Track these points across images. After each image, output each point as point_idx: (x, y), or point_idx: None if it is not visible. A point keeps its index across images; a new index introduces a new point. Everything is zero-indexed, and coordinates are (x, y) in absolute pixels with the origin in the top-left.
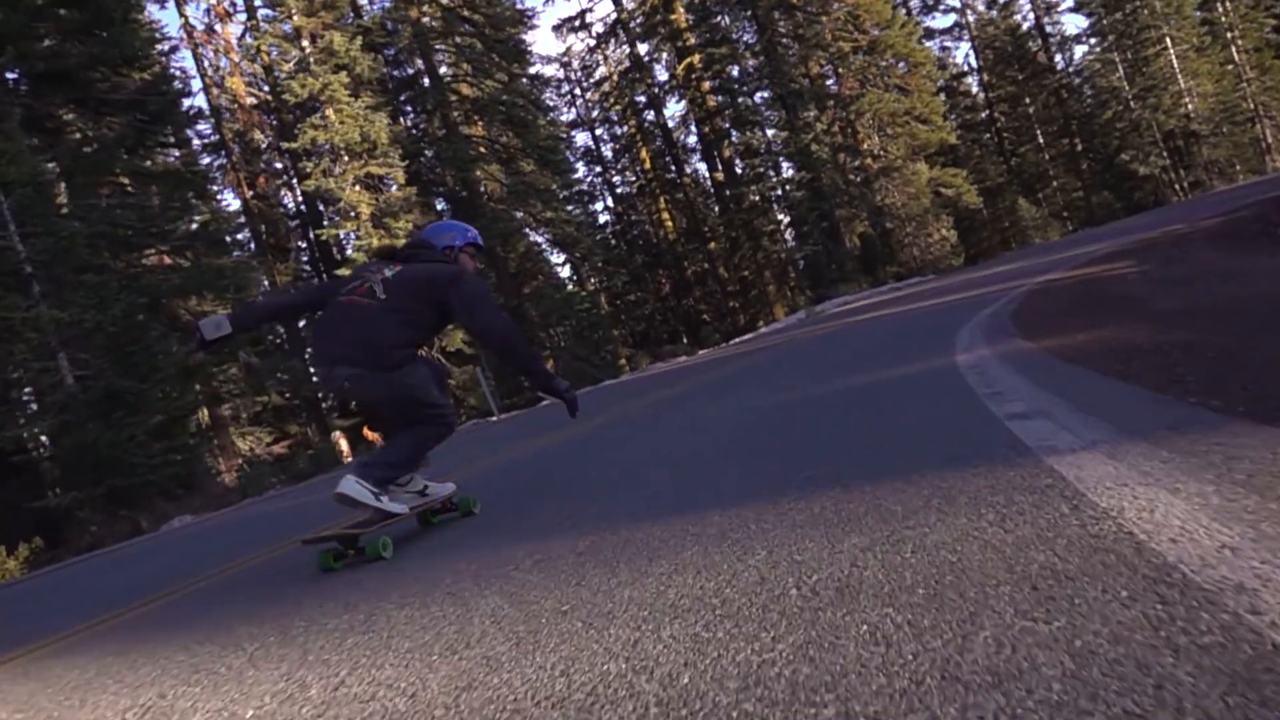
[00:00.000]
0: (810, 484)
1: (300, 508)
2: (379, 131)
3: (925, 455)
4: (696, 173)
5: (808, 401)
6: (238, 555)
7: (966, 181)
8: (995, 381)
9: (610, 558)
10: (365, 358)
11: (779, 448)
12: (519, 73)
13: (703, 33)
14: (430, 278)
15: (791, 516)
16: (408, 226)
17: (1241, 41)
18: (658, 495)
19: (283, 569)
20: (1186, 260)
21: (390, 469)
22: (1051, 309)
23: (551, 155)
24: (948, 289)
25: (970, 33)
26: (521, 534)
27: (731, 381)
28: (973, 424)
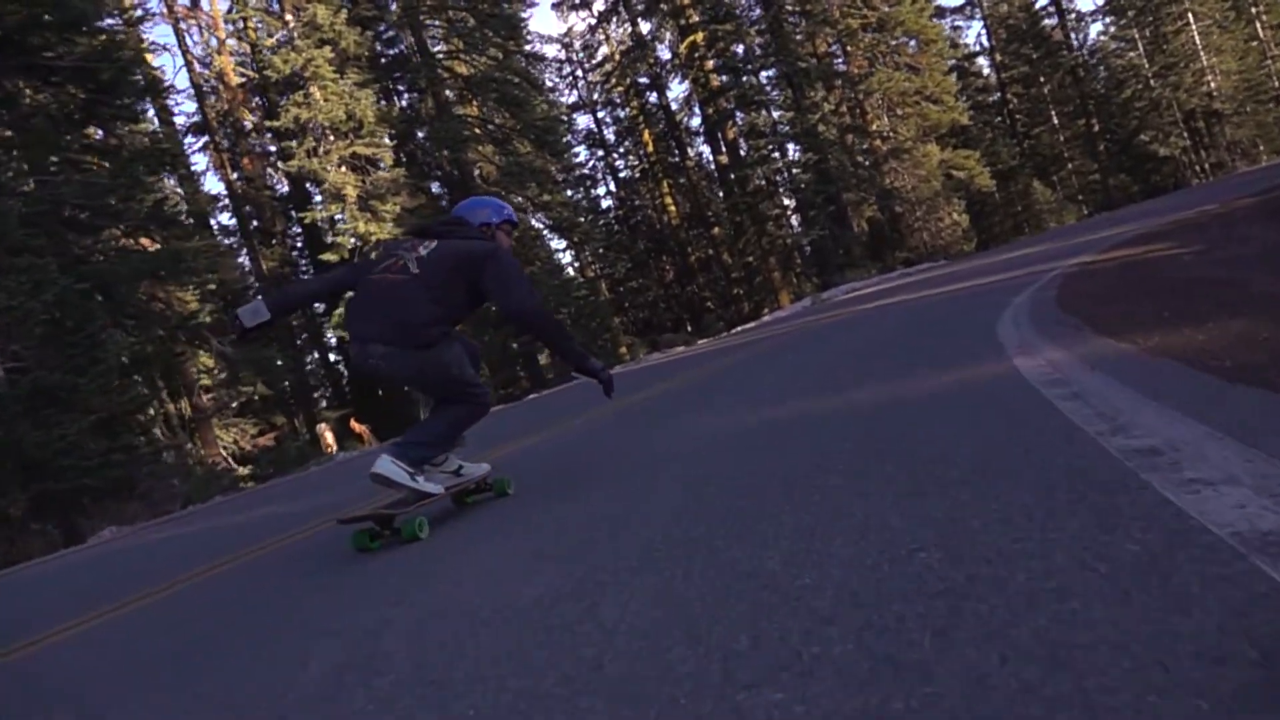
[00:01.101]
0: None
1: (230, 529)
2: (365, 110)
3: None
4: (700, 156)
5: (808, 428)
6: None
7: (979, 164)
8: (1110, 410)
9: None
10: (398, 336)
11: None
12: (514, 49)
13: (706, 9)
14: (466, 254)
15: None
16: (395, 210)
17: (1266, 17)
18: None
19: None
20: (1244, 239)
21: (425, 448)
22: (1108, 295)
23: (548, 136)
24: (964, 274)
25: (983, 11)
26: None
27: (712, 388)
28: (1157, 548)
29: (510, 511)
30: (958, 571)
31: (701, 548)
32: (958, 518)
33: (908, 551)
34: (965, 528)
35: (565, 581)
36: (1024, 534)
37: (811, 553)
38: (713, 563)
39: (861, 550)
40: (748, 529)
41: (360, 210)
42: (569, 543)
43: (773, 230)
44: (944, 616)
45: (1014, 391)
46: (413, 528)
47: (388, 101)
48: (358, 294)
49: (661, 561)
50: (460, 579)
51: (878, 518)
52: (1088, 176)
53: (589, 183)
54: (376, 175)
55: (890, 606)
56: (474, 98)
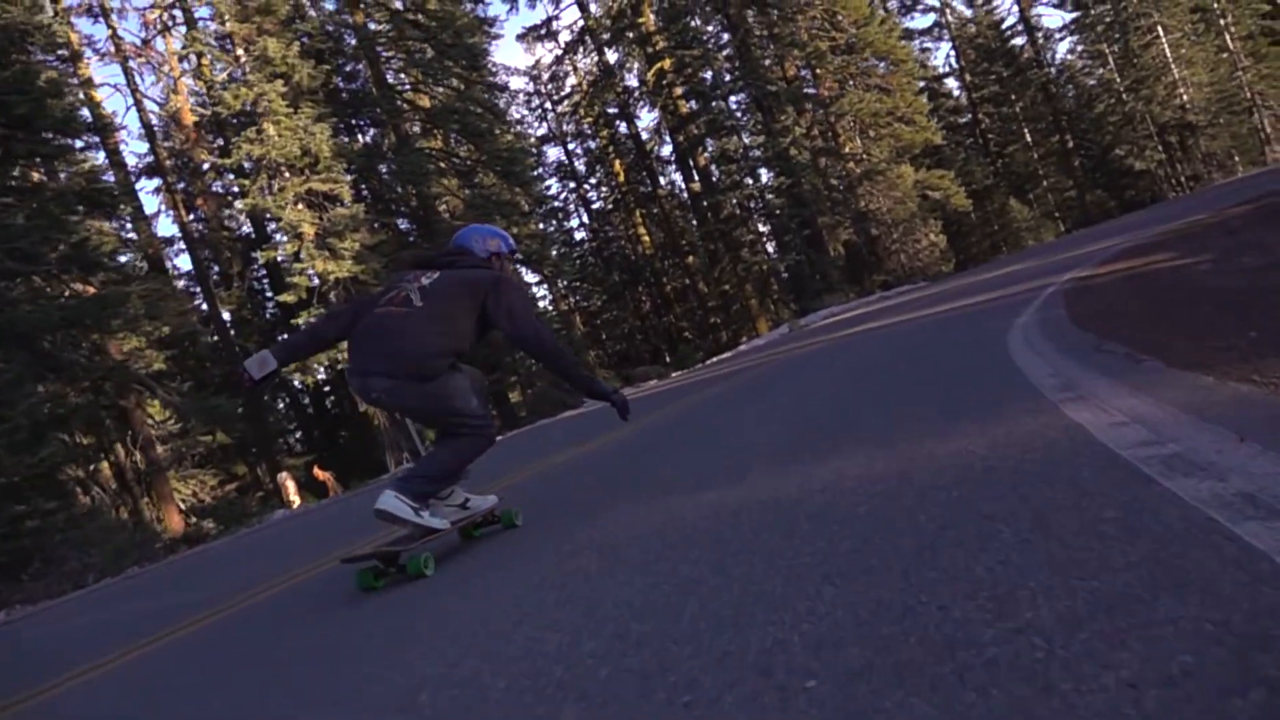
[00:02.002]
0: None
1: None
2: (321, 145)
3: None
4: (673, 184)
5: (773, 531)
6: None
7: (954, 184)
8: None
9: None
10: (400, 369)
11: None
12: (476, 80)
13: (672, 35)
14: (469, 284)
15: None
16: (355, 247)
17: (1235, 29)
18: None
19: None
20: (1258, 246)
21: (430, 482)
22: (1139, 312)
23: (513, 167)
24: (949, 295)
25: (950, 32)
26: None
27: (656, 447)
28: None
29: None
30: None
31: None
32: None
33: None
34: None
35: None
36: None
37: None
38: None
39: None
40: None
41: (318, 248)
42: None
43: (748, 257)
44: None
45: (1103, 475)
46: (418, 564)
47: (349, 136)
48: (360, 327)
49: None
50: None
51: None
52: (1064, 193)
53: (561, 215)
54: (335, 212)
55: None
56: (437, 130)
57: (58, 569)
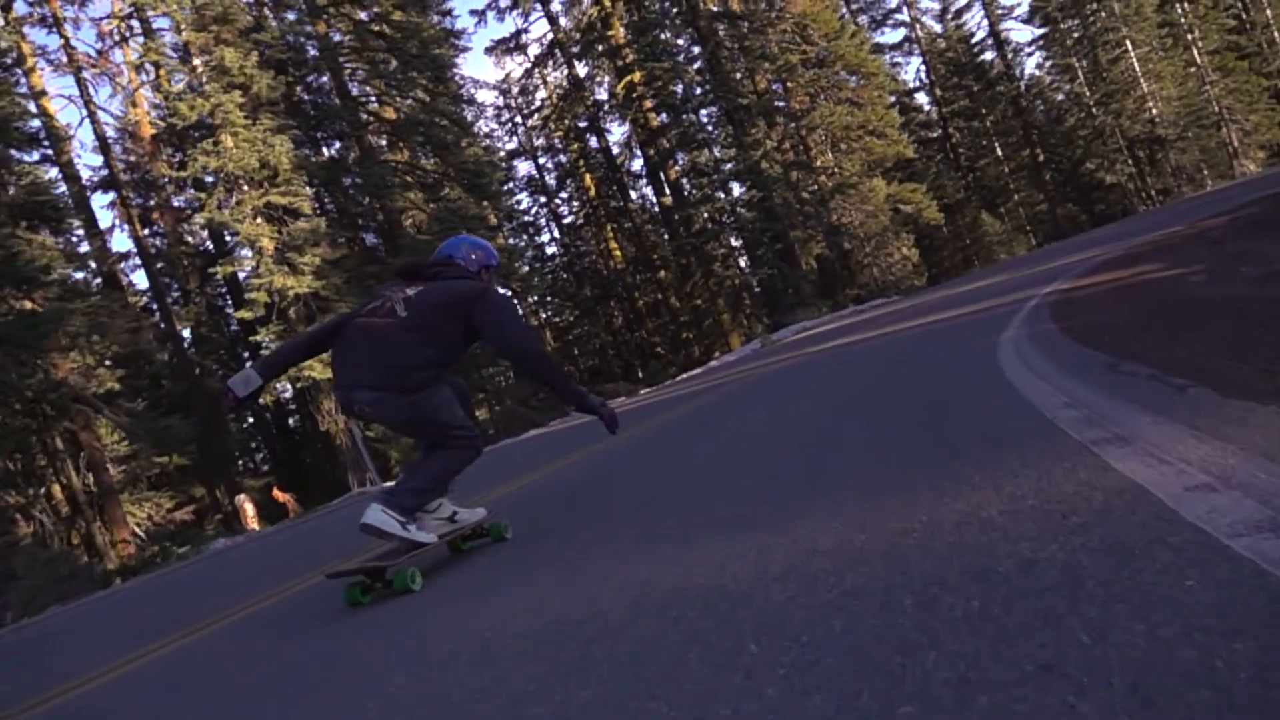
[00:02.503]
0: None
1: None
2: (280, 157)
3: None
4: (644, 199)
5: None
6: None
7: (926, 197)
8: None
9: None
10: (385, 380)
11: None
12: (441, 92)
13: (642, 47)
14: (455, 295)
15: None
16: (315, 262)
17: (1202, 43)
18: None
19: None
20: (1246, 256)
21: (417, 495)
22: (1136, 326)
23: (479, 179)
24: (923, 309)
25: (921, 46)
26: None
27: (586, 499)
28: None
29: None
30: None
31: None
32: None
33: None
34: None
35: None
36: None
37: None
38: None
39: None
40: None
41: (276, 263)
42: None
43: (719, 271)
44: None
45: (1229, 595)
46: (405, 579)
47: (312, 150)
48: (343, 338)
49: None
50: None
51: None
52: (1035, 207)
53: (532, 229)
54: (294, 225)
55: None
56: (402, 143)
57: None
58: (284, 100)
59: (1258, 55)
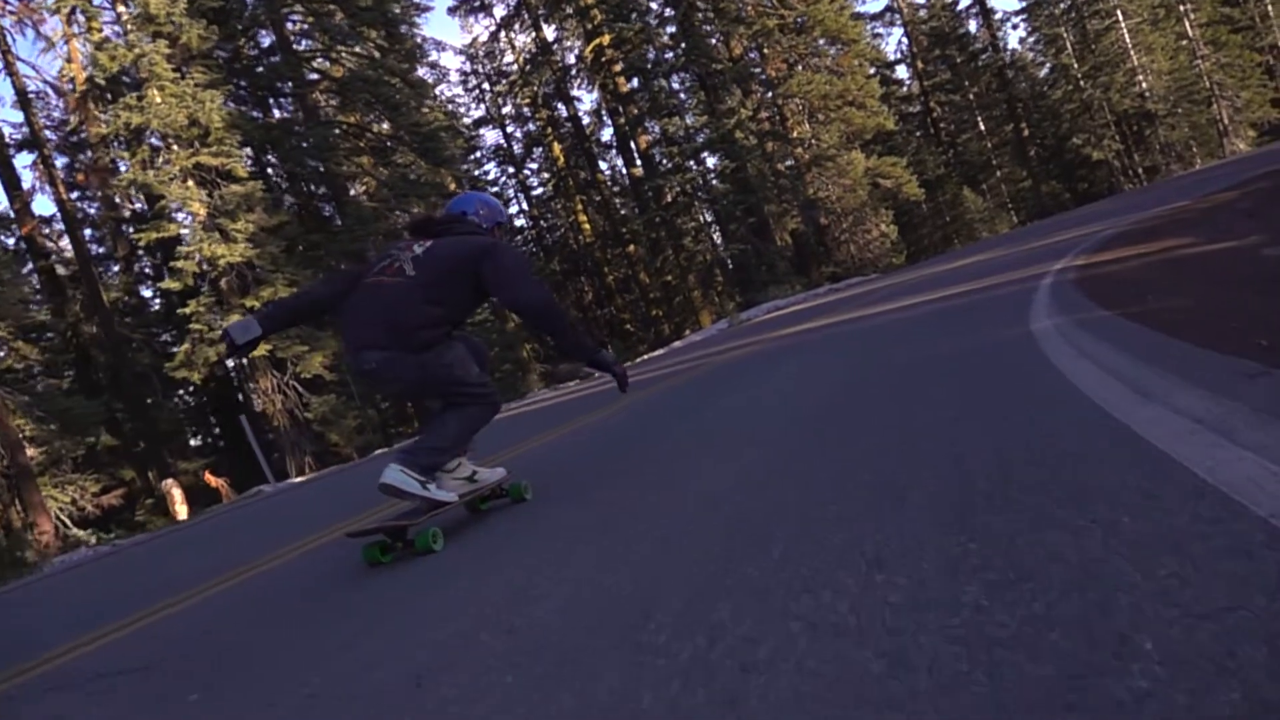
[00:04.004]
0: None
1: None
2: (211, 114)
3: None
4: (615, 170)
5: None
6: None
7: (906, 171)
8: None
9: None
10: (394, 340)
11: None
12: (393, 49)
13: (611, 8)
14: (464, 251)
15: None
16: (250, 229)
17: (1195, 15)
18: None
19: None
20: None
21: (436, 454)
22: (1225, 311)
23: (430, 144)
24: (907, 288)
25: (903, 17)
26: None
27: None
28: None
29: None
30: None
31: None
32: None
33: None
34: None
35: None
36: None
37: None
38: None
39: None
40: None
41: (206, 229)
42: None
43: (691, 246)
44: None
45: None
46: (426, 539)
47: (262, 111)
48: (352, 300)
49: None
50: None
51: None
52: (1018, 184)
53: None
54: (227, 189)
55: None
56: (353, 105)
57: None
58: (227, 59)
59: (1250, 29)
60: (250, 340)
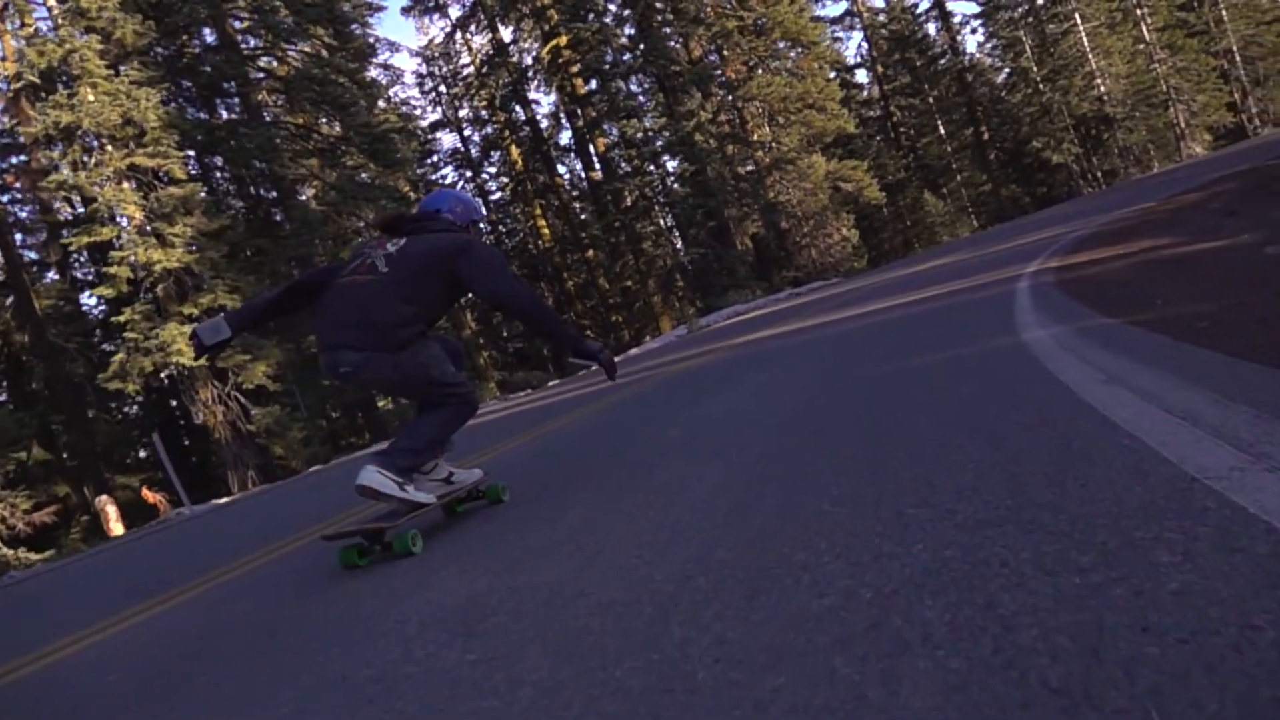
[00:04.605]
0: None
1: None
2: (147, 113)
3: None
4: (573, 173)
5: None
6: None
7: (867, 175)
8: None
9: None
10: (369, 339)
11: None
12: (340, 47)
13: (568, 7)
14: (437, 249)
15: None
16: (188, 233)
17: (1151, 19)
18: None
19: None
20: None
21: (413, 455)
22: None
23: (380, 145)
24: (870, 293)
25: (862, 21)
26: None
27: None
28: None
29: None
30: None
31: None
32: None
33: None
34: None
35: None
36: None
37: None
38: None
39: None
40: None
41: (141, 234)
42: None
43: (650, 250)
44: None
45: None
46: (405, 542)
47: (208, 112)
48: (324, 299)
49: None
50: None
51: None
52: (978, 188)
53: None
54: (164, 191)
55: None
56: (294, 104)
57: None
58: (169, 57)
59: (1205, 34)
60: (219, 341)
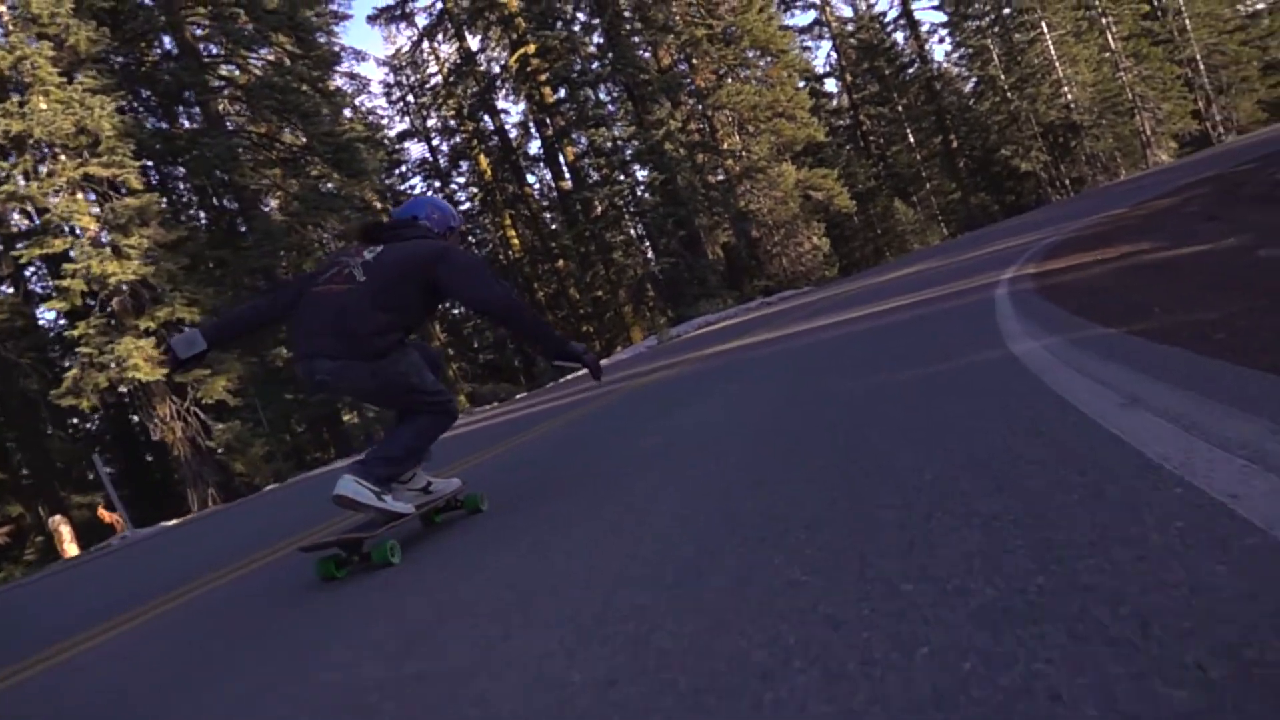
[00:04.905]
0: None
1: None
2: (101, 121)
3: None
4: (544, 183)
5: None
6: None
7: (837, 183)
8: None
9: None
10: (346, 348)
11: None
12: (300, 53)
13: (535, 15)
14: (415, 256)
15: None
16: (144, 244)
17: (1116, 28)
18: None
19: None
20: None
21: (392, 464)
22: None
23: (343, 154)
24: (841, 303)
25: (831, 30)
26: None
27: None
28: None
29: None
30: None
31: None
32: None
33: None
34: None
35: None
36: None
37: None
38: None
39: None
40: None
41: (95, 245)
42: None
43: (621, 260)
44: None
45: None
46: (384, 552)
47: (167, 117)
48: (301, 308)
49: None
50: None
51: None
52: (948, 196)
53: None
54: (120, 202)
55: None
56: (255, 112)
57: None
58: (128, 65)
59: (1169, 42)
60: (195, 354)
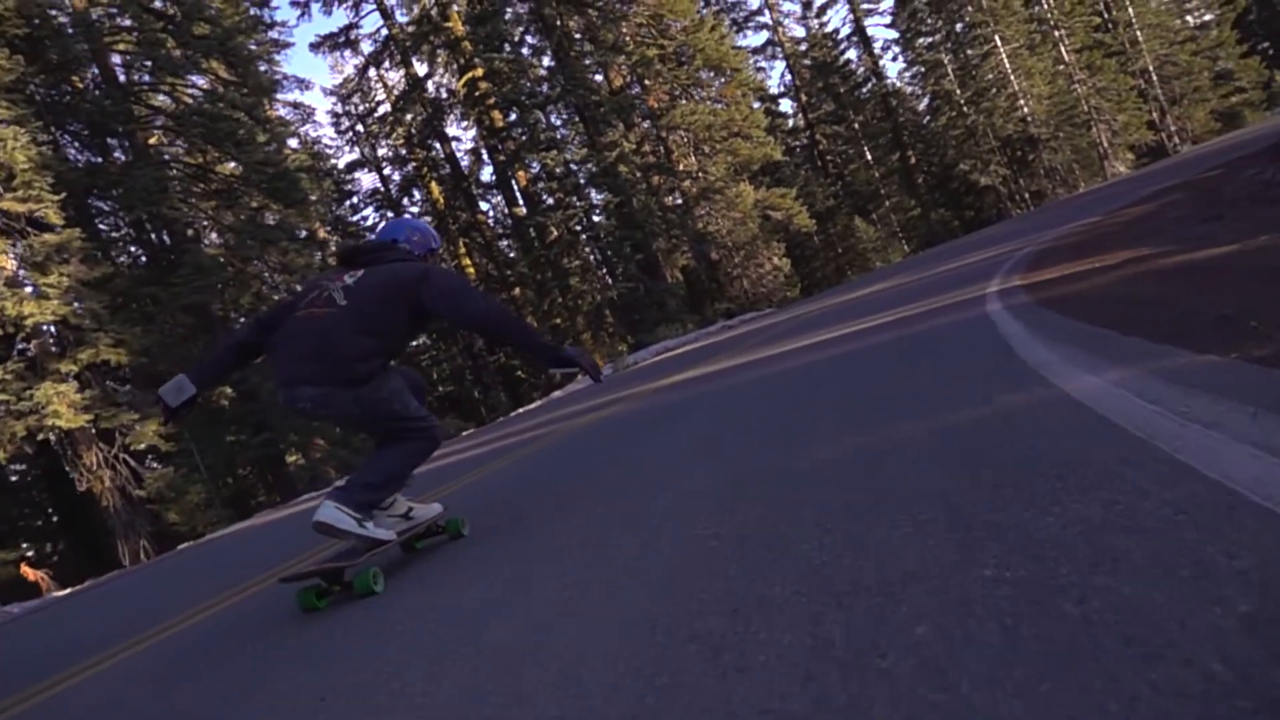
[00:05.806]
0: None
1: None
2: (15, 154)
3: None
4: (497, 209)
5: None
6: None
7: (796, 203)
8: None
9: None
10: (328, 374)
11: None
12: (235, 81)
13: (481, 38)
14: (396, 279)
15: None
16: (65, 282)
17: (1069, 40)
18: None
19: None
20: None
21: (373, 491)
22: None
23: (279, 183)
24: (806, 324)
25: (784, 50)
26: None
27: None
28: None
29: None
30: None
31: None
32: None
33: None
34: None
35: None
36: None
37: None
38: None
39: None
40: None
41: (10, 285)
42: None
43: (578, 286)
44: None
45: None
46: (366, 580)
47: (98, 149)
48: (281, 334)
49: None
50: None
51: None
52: (907, 213)
53: None
54: (37, 238)
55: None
56: (191, 141)
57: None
58: (50, 94)
59: (1122, 54)
60: (185, 400)
